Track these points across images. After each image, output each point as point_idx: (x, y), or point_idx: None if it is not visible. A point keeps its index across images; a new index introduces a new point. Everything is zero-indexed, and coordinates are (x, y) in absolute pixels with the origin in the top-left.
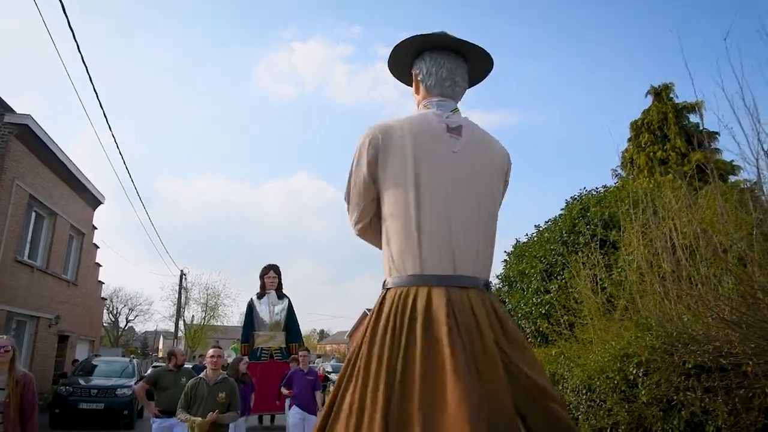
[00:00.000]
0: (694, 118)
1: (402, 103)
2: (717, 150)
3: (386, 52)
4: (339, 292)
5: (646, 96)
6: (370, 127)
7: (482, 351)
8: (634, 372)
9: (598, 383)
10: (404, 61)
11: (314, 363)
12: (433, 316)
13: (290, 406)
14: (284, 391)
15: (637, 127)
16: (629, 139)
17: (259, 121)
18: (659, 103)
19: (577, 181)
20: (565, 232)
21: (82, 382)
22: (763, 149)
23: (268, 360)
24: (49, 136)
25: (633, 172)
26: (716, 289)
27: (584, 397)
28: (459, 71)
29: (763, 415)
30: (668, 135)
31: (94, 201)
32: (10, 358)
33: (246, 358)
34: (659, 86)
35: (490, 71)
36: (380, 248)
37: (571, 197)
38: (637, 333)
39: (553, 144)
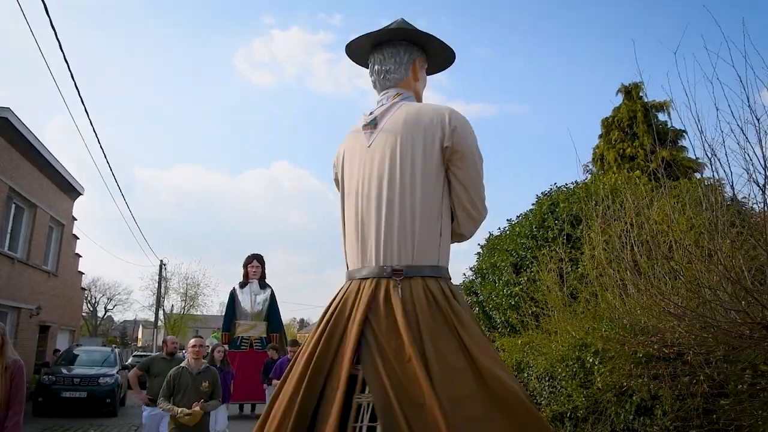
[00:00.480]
0: (663, 117)
1: None
2: (683, 148)
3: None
4: (320, 281)
5: (616, 94)
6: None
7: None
8: (591, 360)
9: (559, 371)
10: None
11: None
12: (353, 305)
13: None
14: (275, 382)
15: (607, 124)
16: (600, 136)
17: (239, 109)
18: (629, 101)
19: (557, 172)
20: (535, 227)
21: (64, 371)
22: (711, 152)
23: (248, 349)
24: (28, 129)
25: (603, 168)
26: (667, 285)
27: (547, 383)
28: (388, 57)
29: (704, 400)
30: (637, 133)
31: (73, 192)
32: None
33: (224, 347)
34: (629, 84)
35: (447, 50)
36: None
37: (541, 193)
38: (593, 324)
39: (533, 136)
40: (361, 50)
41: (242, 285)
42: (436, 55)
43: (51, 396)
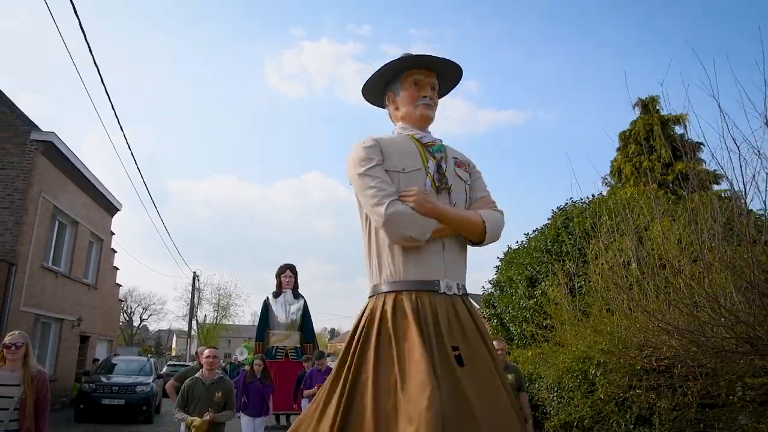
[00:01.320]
0: (680, 130)
1: None
2: (700, 160)
3: (395, 50)
4: (350, 289)
5: (633, 108)
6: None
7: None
8: (593, 372)
9: (566, 381)
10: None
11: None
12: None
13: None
14: (307, 392)
15: (625, 138)
16: (618, 149)
17: (269, 120)
18: (646, 114)
19: (585, 181)
20: (550, 242)
21: (104, 379)
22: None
23: (284, 359)
24: (71, 151)
25: (620, 181)
26: (659, 302)
27: (555, 394)
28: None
29: (698, 411)
30: (654, 146)
31: (111, 208)
32: (23, 354)
33: (260, 358)
34: (646, 98)
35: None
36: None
37: (557, 207)
38: (595, 338)
39: (564, 143)
40: (393, 68)
41: (276, 295)
42: (427, 63)
43: (91, 403)
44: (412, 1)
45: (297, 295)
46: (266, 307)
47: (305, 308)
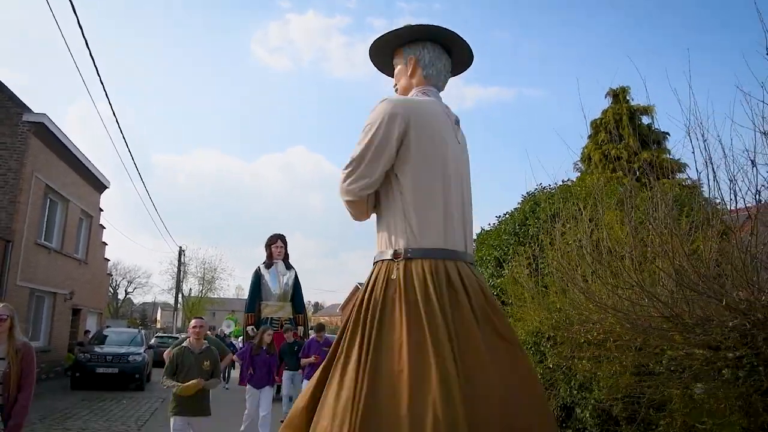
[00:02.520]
0: (648, 120)
1: None
2: (666, 149)
3: (382, 23)
4: (332, 266)
5: (605, 97)
6: (396, 100)
7: (482, 318)
8: (544, 344)
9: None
10: (391, 46)
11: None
12: (466, 286)
13: (306, 376)
14: (304, 360)
15: (596, 126)
16: (589, 136)
17: (254, 94)
18: (616, 104)
19: (567, 162)
20: (518, 225)
21: (98, 349)
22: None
23: (279, 330)
24: (62, 132)
25: (589, 168)
26: (605, 284)
27: None
28: (449, 68)
29: (631, 377)
30: (622, 135)
31: (100, 186)
32: (8, 326)
33: (270, 329)
34: (617, 88)
35: (467, 69)
36: (360, 218)
37: (527, 192)
38: (547, 315)
39: (553, 122)
40: (412, 34)
41: (267, 265)
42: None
43: (87, 372)
44: None
45: (288, 266)
46: (258, 277)
47: (296, 279)
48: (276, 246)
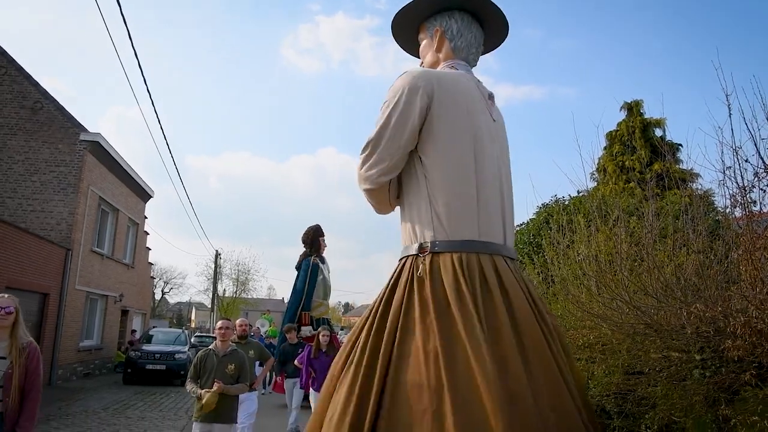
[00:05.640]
0: (660, 132)
1: None
2: (679, 160)
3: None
4: (365, 265)
5: (620, 110)
6: (417, 72)
7: (525, 317)
8: None
9: None
10: (415, 20)
11: (338, 335)
12: (506, 286)
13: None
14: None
15: (611, 137)
16: (604, 148)
17: (285, 96)
18: (630, 117)
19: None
20: (532, 235)
21: (146, 348)
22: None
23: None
24: (114, 149)
25: (604, 178)
26: (590, 292)
27: None
28: (480, 41)
29: (622, 376)
30: (636, 146)
31: (145, 195)
32: (12, 321)
33: (327, 329)
34: (631, 102)
35: (502, 42)
36: (383, 210)
37: (542, 204)
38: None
39: (584, 118)
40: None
41: (322, 259)
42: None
43: (137, 368)
44: None
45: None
46: (315, 272)
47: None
48: (323, 238)
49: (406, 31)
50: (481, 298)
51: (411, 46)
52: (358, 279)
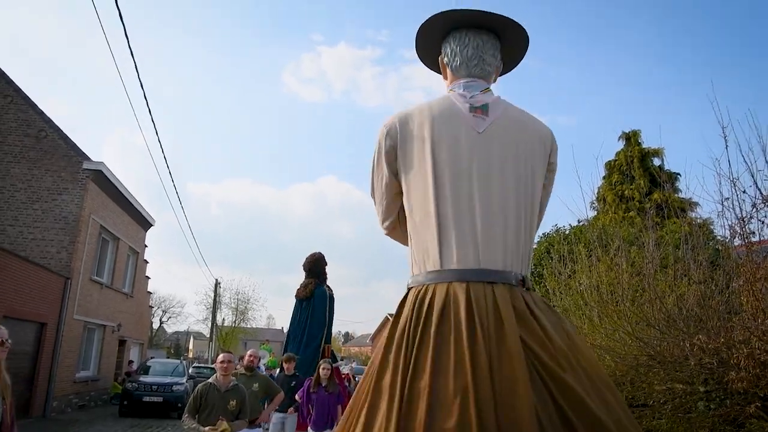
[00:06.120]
0: (658, 162)
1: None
2: (677, 189)
3: (414, 54)
4: (365, 294)
5: (618, 140)
6: (389, 117)
7: (501, 352)
8: None
9: None
10: (432, 48)
11: (338, 364)
12: (449, 316)
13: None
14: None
15: (610, 167)
16: (603, 177)
17: (286, 124)
18: (628, 147)
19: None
20: (533, 265)
21: (144, 379)
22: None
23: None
24: (116, 178)
25: (604, 207)
26: (605, 326)
27: None
28: (488, 47)
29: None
30: (634, 176)
31: (146, 224)
32: (5, 355)
33: (329, 363)
34: (629, 132)
35: (526, 48)
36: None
37: (543, 233)
38: None
39: (584, 148)
40: (438, 29)
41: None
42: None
43: (134, 400)
44: (431, 6)
45: None
46: (332, 301)
47: None
48: (326, 266)
49: (436, 69)
50: (418, 339)
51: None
52: (358, 307)
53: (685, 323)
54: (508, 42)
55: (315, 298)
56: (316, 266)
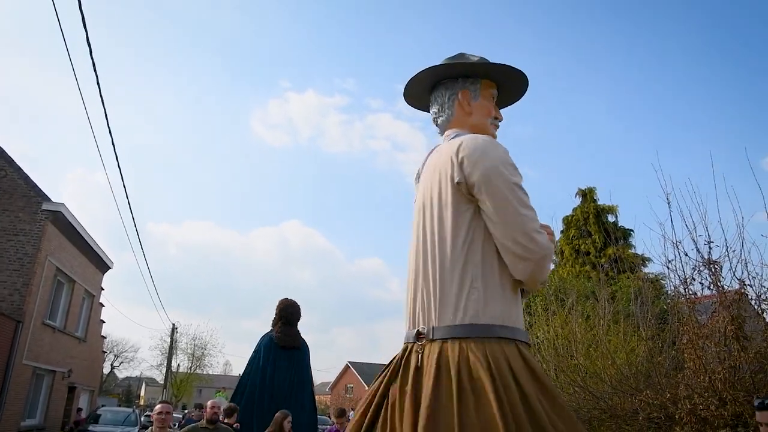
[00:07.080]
0: (613, 218)
1: (393, 156)
2: (630, 245)
3: (380, 103)
4: (325, 341)
5: (575, 196)
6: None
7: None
8: None
9: None
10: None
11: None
12: (406, 373)
13: None
14: None
15: (567, 222)
16: (561, 231)
17: (251, 168)
18: (584, 203)
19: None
20: None
21: (93, 429)
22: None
23: None
24: (77, 220)
25: (561, 261)
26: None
27: None
28: (434, 99)
29: None
30: (590, 231)
31: (104, 266)
32: None
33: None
34: (585, 189)
35: (511, 74)
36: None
37: None
38: None
39: (549, 202)
40: (419, 96)
41: None
42: (503, 82)
43: None
44: (397, 57)
45: None
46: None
47: None
48: None
49: (426, 93)
50: (389, 390)
51: None
52: (318, 355)
53: (634, 379)
54: (506, 89)
55: (304, 351)
56: (299, 316)
